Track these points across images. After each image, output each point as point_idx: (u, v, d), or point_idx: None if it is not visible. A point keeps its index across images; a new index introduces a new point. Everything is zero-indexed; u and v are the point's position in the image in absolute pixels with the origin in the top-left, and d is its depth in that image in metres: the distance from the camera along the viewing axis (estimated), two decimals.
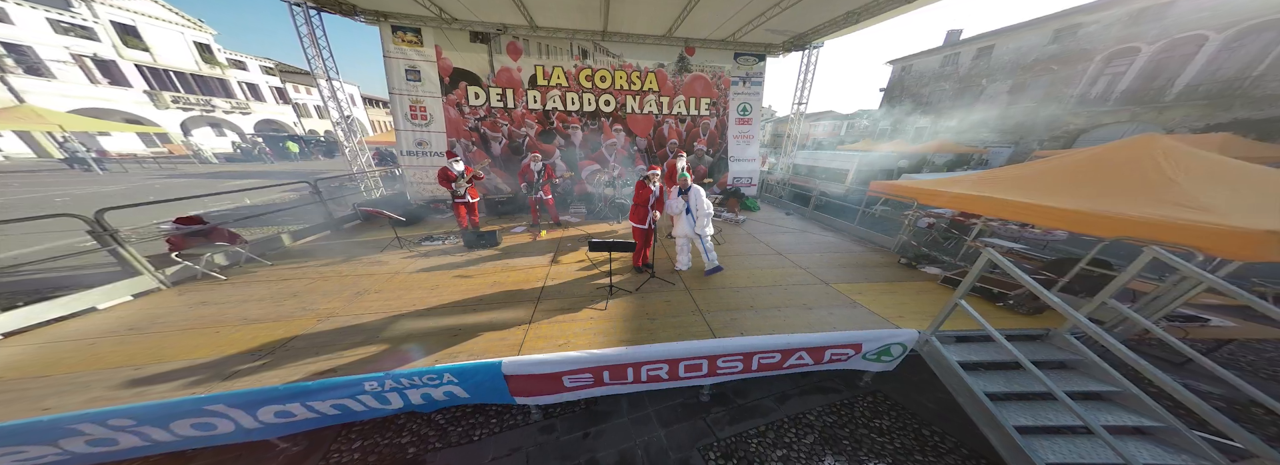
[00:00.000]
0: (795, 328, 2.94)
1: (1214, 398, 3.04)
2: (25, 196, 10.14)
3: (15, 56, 14.79)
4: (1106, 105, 12.76)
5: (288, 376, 2.19)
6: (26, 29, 15.12)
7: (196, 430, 2.02)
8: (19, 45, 14.98)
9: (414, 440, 2.74)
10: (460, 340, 2.70)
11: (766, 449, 2.70)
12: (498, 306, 3.20)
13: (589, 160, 8.11)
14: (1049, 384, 1.97)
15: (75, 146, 13.65)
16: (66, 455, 1.84)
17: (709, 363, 2.75)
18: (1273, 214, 2.15)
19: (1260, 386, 1.49)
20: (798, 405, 3.13)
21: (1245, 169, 2.74)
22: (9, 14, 14.65)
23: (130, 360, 2.30)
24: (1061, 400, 1.89)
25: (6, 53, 14.46)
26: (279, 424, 2.21)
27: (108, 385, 2.06)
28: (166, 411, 1.85)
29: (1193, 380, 3.17)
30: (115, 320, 2.86)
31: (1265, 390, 1.49)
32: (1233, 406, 3.05)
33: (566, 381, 2.64)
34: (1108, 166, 3.12)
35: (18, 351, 2.47)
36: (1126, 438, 2.33)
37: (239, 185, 12.76)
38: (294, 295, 3.24)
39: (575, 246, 4.89)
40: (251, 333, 2.64)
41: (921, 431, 2.87)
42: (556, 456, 2.62)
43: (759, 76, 8.42)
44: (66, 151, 13.82)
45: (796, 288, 3.66)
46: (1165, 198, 2.53)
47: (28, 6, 15.21)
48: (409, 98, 6.99)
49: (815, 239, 5.35)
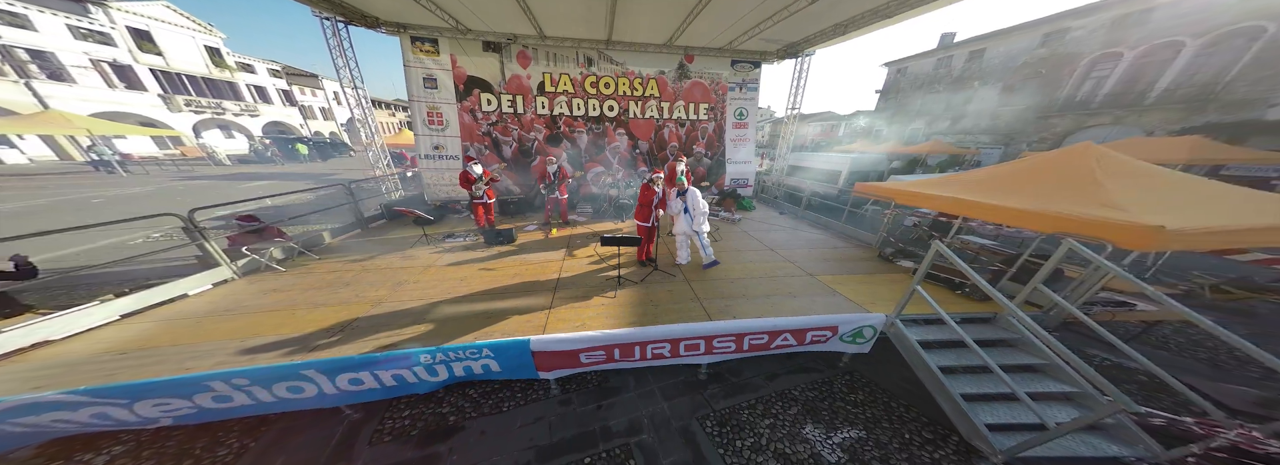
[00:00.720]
0: (781, 313, 3.40)
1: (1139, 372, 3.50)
2: (66, 198, 10.63)
3: (39, 62, 15.30)
4: (1091, 108, 13.21)
5: (359, 350, 2.65)
6: (49, 35, 15.64)
7: (289, 393, 2.48)
8: (42, 51, 15.51)
9: (453, 410, 3.19)
10: (492, 322, 3.16)
11: (756, 419, 3.14)
12: (521, 295, 3.66)
13: (594, 162, 8.57)
14: (985, 357, 2.42)
15: (102, 150, 14.18)
16: (195, 409, 2.31)
17: (706, 342, 3.20)
18: (1169, 212, 2.59)
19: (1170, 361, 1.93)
20: (784, 382, 3.57)
21: (1164, 174, 3.19)
22: (32, 21, 15.16)
23: (233, 335, 2.77)
24: (995, 372, 2.35)
25: (31, 58, 14.98)
26: (349, 392, 2.67)
27: (225, 353, 2.54)
28: (273, 374, 2.32)
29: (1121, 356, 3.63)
30: (207, 303, 3.34)
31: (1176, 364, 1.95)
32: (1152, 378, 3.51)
33: (583, 358, 3.10)
34: (1052, 170, 3.56)
35: (141, 328, 2.96)
36: (1053, 403, 2.79)
37: (259, 186, 13.25)
38: (346, 285, 3.71)
39: (585, 243, 5.35)
40: (321, 314, 3.11)
41: (890, 404, 3.32)
42: (574, 424, 3.07)
43: (754, 83, 8.87)
44: (93, 154, 14.35)
45: (784, 279, 4.12)
46: (1092, 198, 2.97)
47: (50, 13, 15.70)
48: (427, 104, 7.45)
49: (805, 236, 5.81)
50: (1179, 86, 11.36)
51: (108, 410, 2.20)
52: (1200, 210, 2.71)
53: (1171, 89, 11.47)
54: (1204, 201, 2.86)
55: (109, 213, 8.75)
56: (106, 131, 12.87)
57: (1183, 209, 2.71)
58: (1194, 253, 5.69)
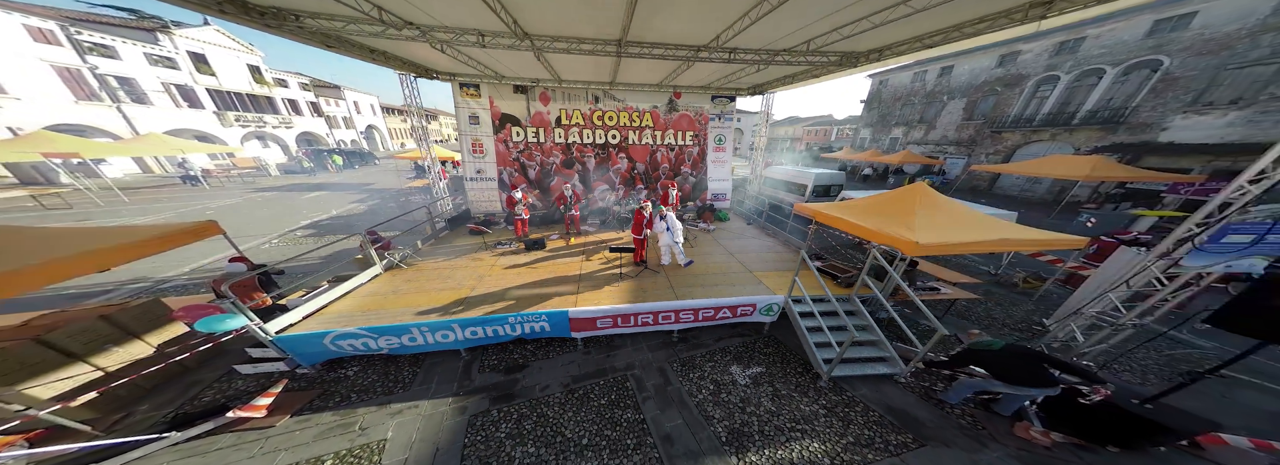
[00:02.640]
0: (723, 295, 5.40)
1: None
2: (189, 209, 12.92)
3: (126, 88, 17.69)
4: (1034, 125, 15.03)
5: (472, 315, 4.73)
6: (130, 63, 18.04)
7: (441, 338, 4.58)
8: (127, 78, 17.90)
9: (521, 355, 5.23)
10: (542, 301, 5.21)
11: (703, 362, 5.13)
12: (557, 284, 5.72)
13: (600, 182, 10.61)
14: (818, 321, 4.45)
15: (192, 166, 16.64)
16: (400, 345, 4.40)
17: (675, 314, 5.21)
18: (930, 232, 4.53)
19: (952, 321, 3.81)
20: (726, 343, 5.54)
21: (954, 206, 5.13)
22: (119, 51, 17.52)
23: (408, 305, 4.85)
24: (823, 329, 4.37)
25: (119, 85, 17.38)
26: (469, 339, 4.75)
27: (410, 313, 4.62)
28: (438, 325, 4.40)
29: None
30: (377, 288, 5.41)
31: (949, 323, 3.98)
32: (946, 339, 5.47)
33: (598, 323, 5.12)
34: (899, 202, 5.44)
35: (354, 302, 5.00)
36: (868, 348, 4.81)
37: (318, 197, 15.38)
38: (447, 278, 5.79)
39: (597, 249, 7.39)
40: (443, 295, 5.18)
41: (784, 352, 5.26)
42: (593, 365, 5.07)
43: (731, 114, 10.83)
44: (183, 169, 16.78)
45: (732, 273, 6.15)
46: (902, 222, 4.90)
47: (130, 43, 18.10)
48: (471, 137, 9.52)
49: (758, 243, 7.82)
50: (1100, 109, 13.18)
51: (366, 341, 4.30)
52: (952, 231, 4.64)
53: (1094, 111, 13.29)
54: (962, 225, 4.81)
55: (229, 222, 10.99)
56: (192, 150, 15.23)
57: (942, 229, 4.64)
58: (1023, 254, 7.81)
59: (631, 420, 3.99)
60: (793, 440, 3.72)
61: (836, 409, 4.11)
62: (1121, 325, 4.46)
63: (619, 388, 4.51)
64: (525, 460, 3.50)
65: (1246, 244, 3.22)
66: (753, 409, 4.14)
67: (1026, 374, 3.44)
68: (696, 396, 4.35)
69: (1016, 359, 3.50)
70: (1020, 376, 3.47)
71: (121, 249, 3.47)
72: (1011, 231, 4.64)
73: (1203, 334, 5.79)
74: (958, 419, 3.93)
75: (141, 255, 3.67)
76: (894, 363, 4.49)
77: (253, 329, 3.82)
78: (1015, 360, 3.50)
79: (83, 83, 16.69)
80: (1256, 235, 3.17)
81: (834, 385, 4.46)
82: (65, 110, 16.44)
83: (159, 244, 3.79)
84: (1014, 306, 6.56)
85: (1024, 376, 3.46)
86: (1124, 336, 4.73)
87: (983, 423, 3.83)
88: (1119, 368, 4.93)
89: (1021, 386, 3.52)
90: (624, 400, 4.29)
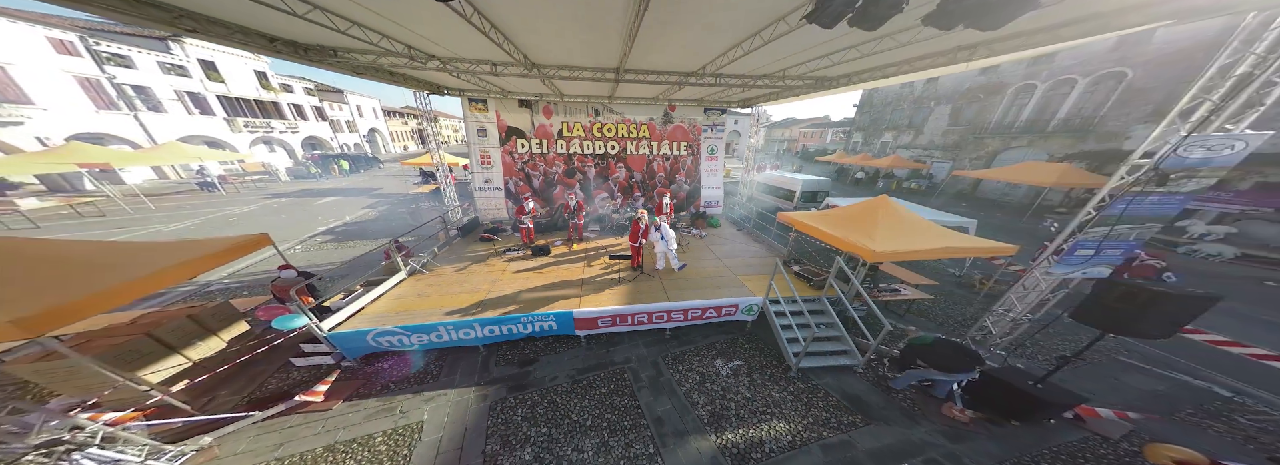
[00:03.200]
0: (710, 297, 6.11)
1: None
2: (217, 215, 13.70)
3: (142, 97, 18.38)
4: (1013, 131, 15.75)
5: (490, 315, 5.45)
6: (145, 72, 18.70)
7: (462, 335, 5.30)
8: (143, 86, 18.58)
9: (531, 350, 5.95)
10: (550, 303, 5.92)
11: (692, 357, 5.85)
12: (562, 288, 6.43)
13: (599, 190, 11.31)
14: (789, 320, 5.18)
15: (208, 172, 17.38)
16: (429, 341, 5.13)
17: (667, 314, 5.92)
18: (888, 242, 5.23)
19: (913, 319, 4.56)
20: (712, 339, 6.25)
21: (909, 217, 5.84)
22: (134, 61, 18.19)
23: (434, 306, 5.57)
24: (793, 327, 5.10)
25: (135, 94, 18.07)
26: (486, 335, 5.47)
27: (439, 314, 5.34)
28: (461, 324, 5.12)
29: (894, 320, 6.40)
30: (404, 292, 6.10)
31: (910, 320, 4.72)
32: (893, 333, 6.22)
33: (599, 322, 5.84)
34: (864, 214, 6.16)
35: (386, 304, 5.68)
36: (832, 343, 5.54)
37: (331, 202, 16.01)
38: (464, 282, 6.50)
39: (597, 255, 8.10)
40: (463, 298, 5.90)
41: (762, 347, 6.02)
42: (594, 359, 5.79)
43: (722, 126, 11.53)
44: (201, 175, 17.51)
45: (718, 277, 6.86)
46: (865, 232, 5.60)
47: (145, 52, 18.78)
48: (479, 149, 10.22)
49: (744, 248, 8.54)
50: (1072, 117, 13.91)
51: (401, 338, 5.02)
52: (906, 240, 5.35)
53: (1067, 119, 14.02)
54: (916, 235, 5.53)
55: (252, 229, 11.71)
56: (210, 158, 15.96)
57: (897, 239, 5.32)
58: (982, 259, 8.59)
59: (628, 406, 4.71)
60: (763, 421, 4.44)
61: (802, 395, 4.84)
62: (1019, 321, 5.25)
63: (618, 379, 5.24)
64: (539, 438, 4.22)
65: (1090, 256, 4.01)
66: (732, 396, 4.86)
67: (953, 362, 4.18)
68: (684, 385, 5.07)
69: (946, 349, 4.24)
70: (948, 364, 4.21)
71: (203, 260, 4.19)
72: (954, 240, 5.37)
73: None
74: (900, 402, 4.66)
75: (217, 265, 4.40)
76: (854, 356, 5.22)
77: (312, 327, 4.54)
78: (945, 350, 4.24)
79: (102, 92, 17.38)
80: (1094, 250, 3.97)
81: (802, 375, 5.19)
82: (86, 119, 17.12)
83: (228, 255, 4.51)
84: (968, 305, 7.30)
85: (951, 364, 4.20)
86: (1022, 330, 5.53)
87: (919, 405, 4.57)
88: (1022, 353, 5.80)
89: (950, 373, 4.26)
90: (622, 389, 5.01)
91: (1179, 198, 3.67)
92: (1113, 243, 3.99)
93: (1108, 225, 3.87)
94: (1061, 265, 4.18)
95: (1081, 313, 3.47)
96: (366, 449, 4.00)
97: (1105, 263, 4.15)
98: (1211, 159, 3.43)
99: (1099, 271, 4.17)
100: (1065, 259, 4.13)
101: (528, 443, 4.14)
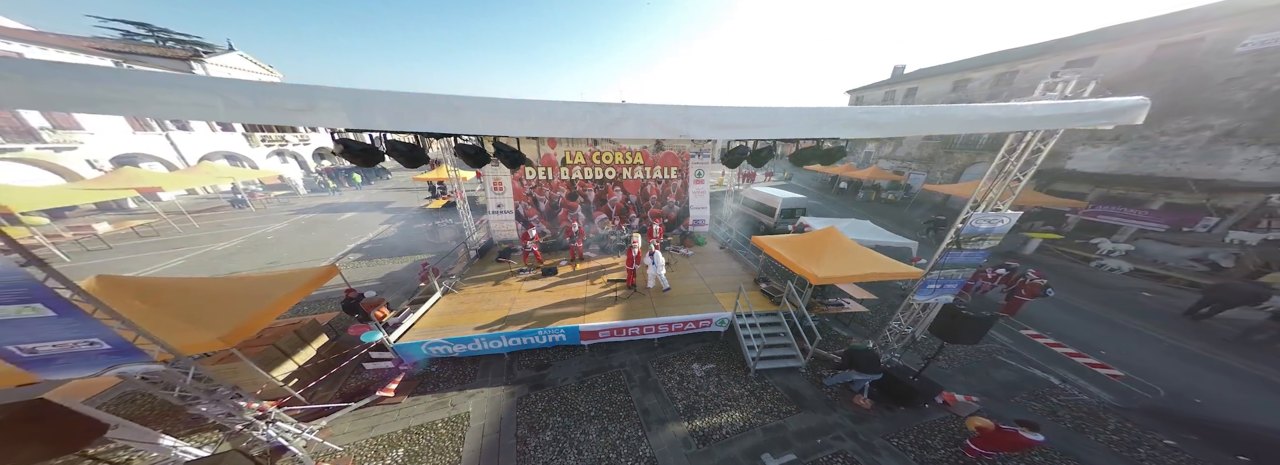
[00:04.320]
0: (691, 312, 7.54)
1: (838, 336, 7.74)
2: (256, 233, 15.14)
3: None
4: (978, 147, 17.15)
5: (513, 329, 6.91)
6: None
7: (492, 345, 6.77)
8: None
9: (545, 357, 7.42)
10: (559, 318, 7.36)
11: (675, 362, 7.32)
12: (570, 305, 7.87)
13: (598, 212, 12.75)
14: (750, 331, 6.64)
15: (240, 190, 18.84)
16: (466, 351, 6.58)
17: (655, 327, 7.38)
18: (830, 267, 6.66)
19: (855, 327, 6.05)
20: (692, 347, 7.72)
21: (853, 247, 7.28)
22: None
23: (467, 321, 7.01)
24: (752, 335, 6.56)
25: None
26: (511, 345, 6.93)
27: (472, 327, 6.79)
28: (491, 336, 6.57)
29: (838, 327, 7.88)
30: (442, 309, 7.53)
31: (852, 329, 6.20)
32: (841, 342, 7.70)
33: (600, 334, 7.30)
34: (816, 242, 7.60)
35: (430, 320, 7.10)
36: (787, 348, 7.01)
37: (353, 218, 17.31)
38: (489, 299, 7.96)
39: (598, 274, 9.54)
40: (490, 314, 7.34)
41: (731, 354, 7.47)
42: (596, 363, 7.24)
43: (707, 151, 12.95)
44: (234, 193, 18.98)
45: (697, 294, 8.31)
46: (814, 258, 7.03)
47: None
48: (492, 177, 11.65)
49: (724, 267, 9.98)
50: None
51: (446, 348, 6.47)
52: (843, 266, 6.78)
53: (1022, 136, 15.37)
54: (853, 262, 6.95)
55: (290, 247, 13.15)
56: (243, 177, 17.41)
57: (837, 264, 6.76)
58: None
59: (623, 400, 6.18)
60: (724, 411, 5.91)
61: (756, 391, 6.31)
62: (904, 333, 6.78)
63: (615, 379, 6.71)
64: (555, 424, 5.68)
65: (937, 289, 5.59)
66: (703, 392, 6.33)
67: (870, 364, 5.66)
68: (667, 384, 6.54)
69: (868, 354, 5.72)
70: (867, 366, 5.69)
71: (299, 291, 5.62)
72: (879, 266, 6.77)
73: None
74: (825, 395, 6.14)
75: (305, 295, 5.83)
76: (799, 358, 6.70)
77: (385, 340, 6.00)
78: (867, 355, 5.72)
79: None
80: (940, 285, 5.58)
81: (758, 375, 6.66)
82: (125, 140, 18.48)
83: (311, 286, 5.92)
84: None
85: (868, 366, 5.67)
86: (907, 340, 7.00)
87: (838, 396, 6.05)
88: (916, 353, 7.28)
89: (867, 373, 5.73)
90: (618, 387, 6.48)
91: (981, 251, 5.19)
92: (946, 281, 5.54)
93: (939, 269, 5.39)
94: (919, 294, 5.69)
95: (934, 327, 4.97)
96: (432, 432, 5.48)
97: (948, 293, 5.71)
98: (993, 227, 4.91)
99: (945, 298, 5.69)
100: (920, 290, 5.63)
101: (547, 428, 5.61)
